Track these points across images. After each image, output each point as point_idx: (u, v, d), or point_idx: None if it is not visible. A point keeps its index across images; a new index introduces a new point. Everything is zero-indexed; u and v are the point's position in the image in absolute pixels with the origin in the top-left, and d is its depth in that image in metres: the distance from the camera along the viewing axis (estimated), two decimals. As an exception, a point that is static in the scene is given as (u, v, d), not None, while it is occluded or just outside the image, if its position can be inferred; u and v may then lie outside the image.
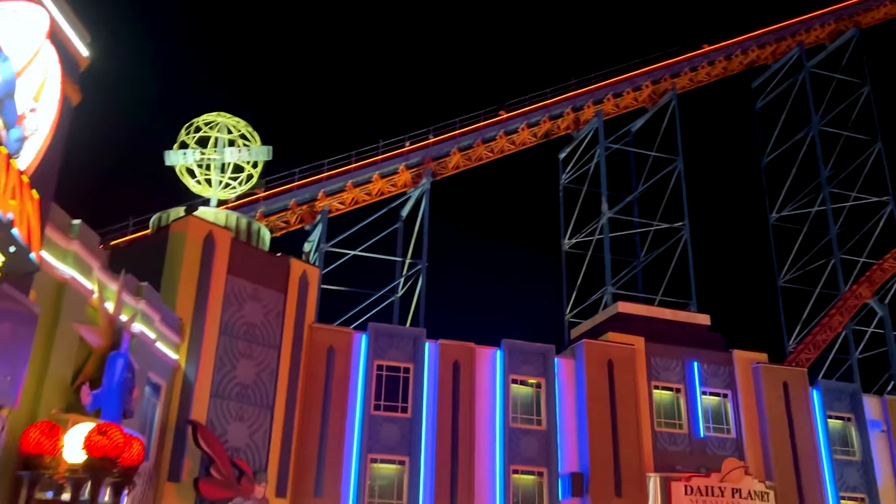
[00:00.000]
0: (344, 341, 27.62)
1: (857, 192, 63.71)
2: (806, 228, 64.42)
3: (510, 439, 28.37)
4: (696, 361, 31.22)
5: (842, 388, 33.43)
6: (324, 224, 49.50)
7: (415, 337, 28.87)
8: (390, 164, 52.33)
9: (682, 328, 32.64)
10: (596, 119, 58.12)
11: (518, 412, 29.08)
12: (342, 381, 27.10)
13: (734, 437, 30.94)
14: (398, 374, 28.20)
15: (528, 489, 28.37)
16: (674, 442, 30.13)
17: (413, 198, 53.11)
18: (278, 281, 26.53)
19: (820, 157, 63.20)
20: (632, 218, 58.31)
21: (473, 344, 29.18)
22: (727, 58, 63.69)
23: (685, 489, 27.97)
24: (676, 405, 30.80)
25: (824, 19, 68.03)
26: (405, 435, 27.40)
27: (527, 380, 29.56)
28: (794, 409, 31.32)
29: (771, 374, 31.70)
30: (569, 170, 62.13)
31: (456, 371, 28.45)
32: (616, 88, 59.34)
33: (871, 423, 32.64)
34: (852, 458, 32.26)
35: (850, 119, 65.88)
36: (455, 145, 53.83)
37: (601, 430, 28.75)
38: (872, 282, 57.07)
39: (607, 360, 29.65)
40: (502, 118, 55.76)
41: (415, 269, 50.90)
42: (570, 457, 29.06)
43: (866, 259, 61.50)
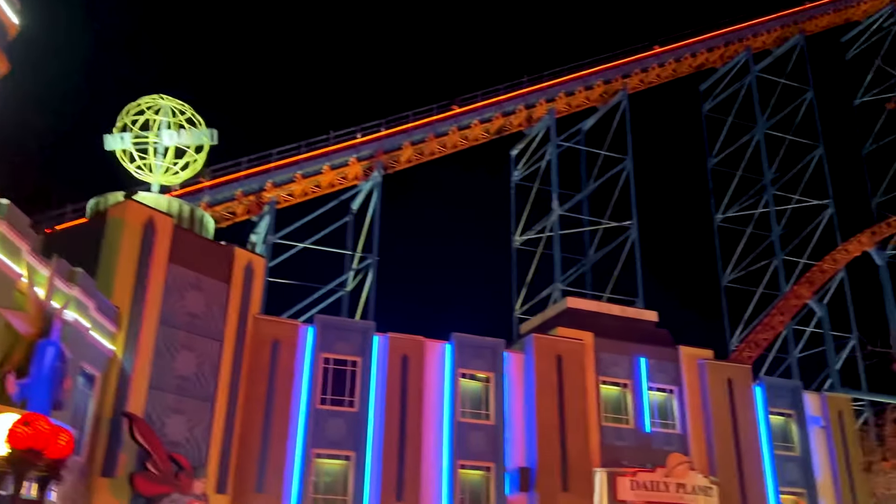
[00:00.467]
0: (290, 334, 26.91)
1: (800, 195, 65.37)
2: (750, 230, 65.83)
3: (458, 434, 28.03)
4: (644, 357, 31.40)
5: (783, 385, 34.04)
6: (271, 215, 48.49)
7: (363, 330, 28.31)
8: (341, 155, 51.53)
9: (629, 324, 32.79)
10: (548, 117, 58.33)
11: (466, 407, 28.76)
12: (287, 375, 26.39)
13: (679, 433, 31.21)
14: (345, 367, 27.61)
15: (476, 484, 28.10)
16: (620, 437, 30.22)
17: (364, 191, 52.46)
18: (222, 270, 25.67)
19: (765, 160, 64.62)
20: (581, 216, 58.74)
21: (423, 338, 28.76)
22: (677, 60, 64.60)
23: (631, 484, 28.06)
24: (623, 400, 30.90)
25: (770, 25, 69.56)
26: (351, 429, 26.84)
27: (476, 374, 29.27)
28: (737, 406, 31.75)
29: (716, 371, 32.07)
30: (521, 167, 62.29)
31: (405, 365, 27.99)
32: (568, 87, 59.63)
33: (811, 419, 33.31)
34: (793, 454, 32.85)
35: (794, 123, 67.54)
36: (407, 139, 53.33)
37: (549, 424, 28.65)
38: (812, 283, 58.56)
39: (556, 355, 29.56)
40: (455, 113, 55.46)
41: (365, 263, 50.27)
42: (518, 452, 28.88)
43: (807, 260, 63.16)
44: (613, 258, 57.33)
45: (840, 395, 34.84)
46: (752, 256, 65.06)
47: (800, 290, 57.72)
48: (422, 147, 54.18)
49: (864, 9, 76.02)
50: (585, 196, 60.18)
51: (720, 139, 68.87)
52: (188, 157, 27.78)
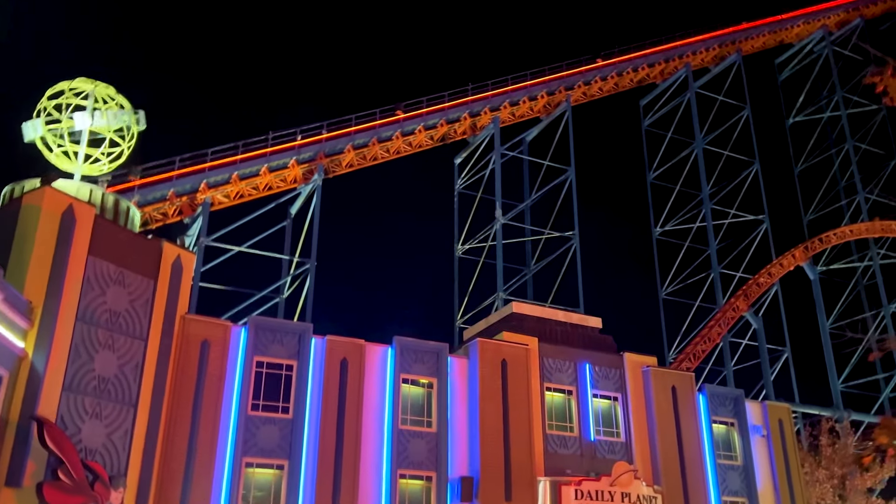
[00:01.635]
0: (220, 335, 25.28)
1: (736, 210, 66.57)
2: (688, 243, 66.71)
3: (399, 442, 26.81)
4: (588, 363, 30.79)
5: (725, 394, 33.93)
6: (205, 217, 46.67)
7: (300, 332, 26.87)
8: (280, 157, 50.18)
9: (574, 330, 32.19)
10: (492, 125, 58.07)
11: (408, 413, 27.57)
12: (217, 378, 24.74)
13: (623, 441, 30.64)
14: (280, 371, 26.11)
15: (416, 494, 26.88)
16: (564, 445, 29.47)
17: (304, 194, 51.14)
18: (148, 266, 23.93)
19: (703, 175, 65.61)
20: (524, 225, 58.48)
21: (363, 341, 27.49)
22: (619, 74, 65.25)
23: (575, 493, 27.28)
24: (568, 407, 30.20)
25: (709, 43, 70.98)
26: (285, 437, 25.31)
27: (418, 379, 28.13)
28: (681, 414, 31.41)
29: (660, 378, 31.70)
30: (464, 175, 61.81)
31: (343, 369, 26.66)
32: (512, 97, 59.55)
33: (753, 427, 33.24)
34: (734, 463, 32.69)
35: (731, 140, 68.91)
36: (350, 142, 52.28)
37: (493, 432, 27.69)
38: (749, 296, 59.50)
39: (501, 360, 28.67)
40: (399, 118, 54.65)
41: (303, 268, 48.76)
42: (461, 460, 27.82)
43: (742, 274, 64.27)
44: (555, 268, 57.35)
45: (780, 404, 34.95)
46: (690, 269, 65.94)
47: (737, 303, 58.56)
48: (364, 151, 53.23)
49: (797, 32, 78.45)
50: (528, 206, 60.05)
51: (659, 154, 69.80)
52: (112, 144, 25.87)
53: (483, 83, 59.18)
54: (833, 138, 78.23)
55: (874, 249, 71.14)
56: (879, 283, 69.82)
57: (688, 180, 67.68)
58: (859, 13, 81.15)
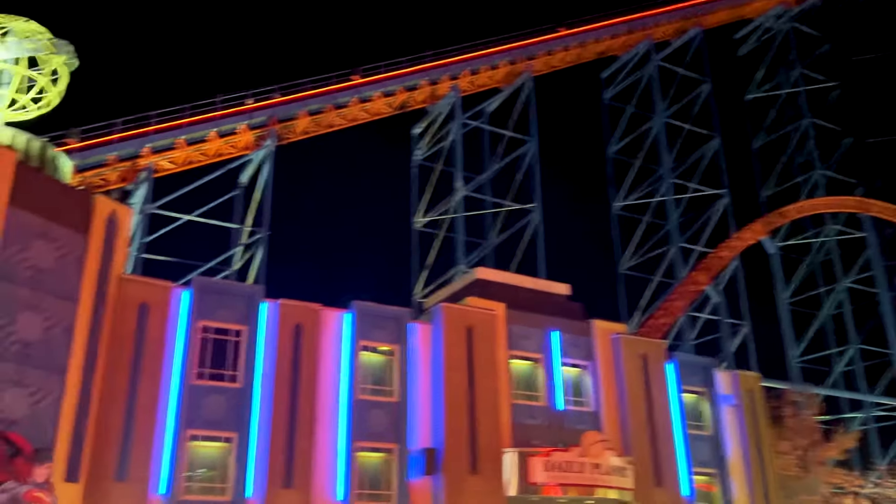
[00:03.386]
0: (160, 297, 23.08)
1: (696, 185, 65.94)
2: (648, 218, 65.91)
3: (357, 413, 25.03)
4: (557, 331, 29.34)
5: (696, 363, 32.92)
6: (149, 183, 44.02)
7: (249, 295, 24.82)
8: (230, 121, 47.66)
9: (542, 297, 30.73)
10: (452, 94, 56.16)
11: (367, 382, 25.80)
12: (157, 344, 22.59)
13: (592, 411, 29.36)
14: (228, 337, 24.07)
15: (376, 468, 25.18)
16: (532, 415, 28.05)
17: (255, 161, 48.72)
18: (79, 220, 21.60)
19: (663, 149, 64.73)
20: (485, 196, 56.87)
21: (319, 305, 25.57)
22: (581, 45, 63.79)
23: (544, 465, 25.88)
24: (535, 376, 28.75)
25: (671, 16, 69.95)
26: (234, 408, 23.31)
27: (378, 347, 26.35)
28: (651, 383, 30.25)
29: (630, 346, 30.46)
30: (423, 146, 59.83)
31: (298, 336, 24.73)
32: (473, 65, 57.66)
33: (723, 397, 32.30)
34: (704, 433, 31.72)
35: (692, 114, 68.16)
36: (304, 107, 49.91)
37: (458, 402, 26.09)
38: (709, 269, 58.92)
39: (466, 327, 27.04)
40: (356, 83, 52.36)
41: (254, 238, 46.42)
42: (423, 431, 26.17)
43: (702, 248, 63.71)
44: (516, 241, 55.95)
45: (751, 374, 34.12)
46: (650, 244, 65.16)
47: (698, 277, 57.93)
48: (319, 118, 50.92)
49: (756, 7, 77.96)
50: (489, 177, 58.45)
51: (621, 127, 68.76)
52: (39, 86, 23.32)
53: (443, 50, 57.19)
54: (791, 114, 78.25)
55: (830, 225, 71.52)
56: (835, 258, 70.23)
57: (648, 154, 66.81)
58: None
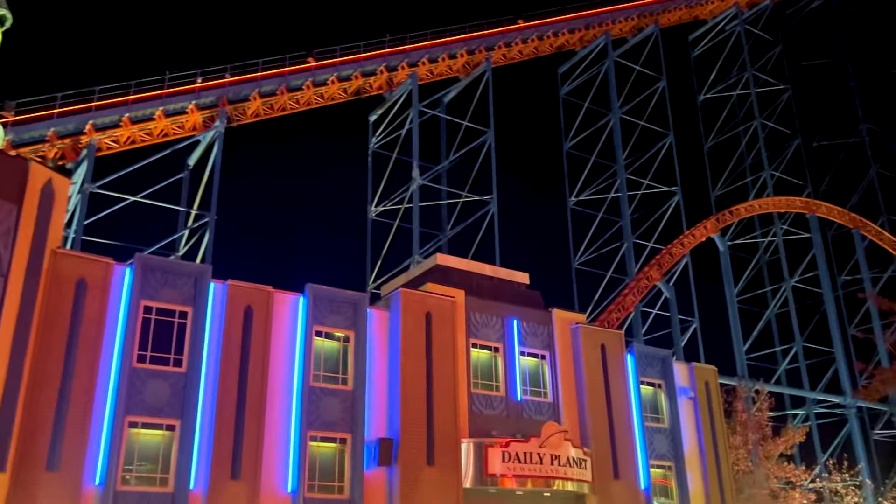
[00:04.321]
0: (100, 274, 21.53)
1: (649, 181, 66.25)
2: (602, 213, 65.99)
3: (309, 401, 23.87)
4: (516, 319, 28.64)
5: (654, 354, 32.60)
6: (90, 161, 42.06)
7: (197, 275, 23.40)
8: (178, 100, 45.97)
9: (501, 285, 29.99)
10: (410, 81, 55.25)
11: (321, 369, 24.65)
12: (95, 324, 21.06)
13: (551, 401, 28.75)
14: (172, 318, 22.65)
15: (328, 458, 24.05)
16: (490, 405, 27.27)
17: (203, 143, 47.06)
18: (10, 188, 19.97)
19: (618, 146, 64.84)
20: (441, 187, 56.05)
21: (271, 288, 24.32)
22: (539, 38, 63.51)
23: (503, 456, 25.15)
24: (494, 365, 27.97)
25: (629, 13, 70.17)
26: (177, 393, 21.93)
27: (333, 332, 25.22)
28: (610, 373, 29.78)
29: (590, 336, 29.94)
30: (379, 133, 58.68)
31: (248, 319, 23.44)
32: (431, 52, 56.81)
33: (680, 389, 32.07)
34: (662, 426, 31.42)
35: (647, 111, 68.47)
36: (256, 89, 48.47)
37: (415, 390, 25.14)
38: (661, 265, 59.28)
39: (425, 313, 26.10)
40: (311, 66, 51.05)
41: (201, 222, 44.73)
42: (379, 421, 25.14)
43: (654, 244, 64.08)
44: (472, 233, 55.31)
45: (707, 367, 33.97)
46: (604, 239, 65.24)
47: (650, 272, 58.24)
48: (272, 101, 49.53)
49: (711, 8, 78.94)
50: (445, 168, 57.67)
51: (576, 122, 68.70)
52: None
53: (401, 36, 56.17)
54: (742, 115, 79.42)
55: (778, 225, 72.78)
56: (782, 257, 71.50)
57: (603, 150, 66.87)
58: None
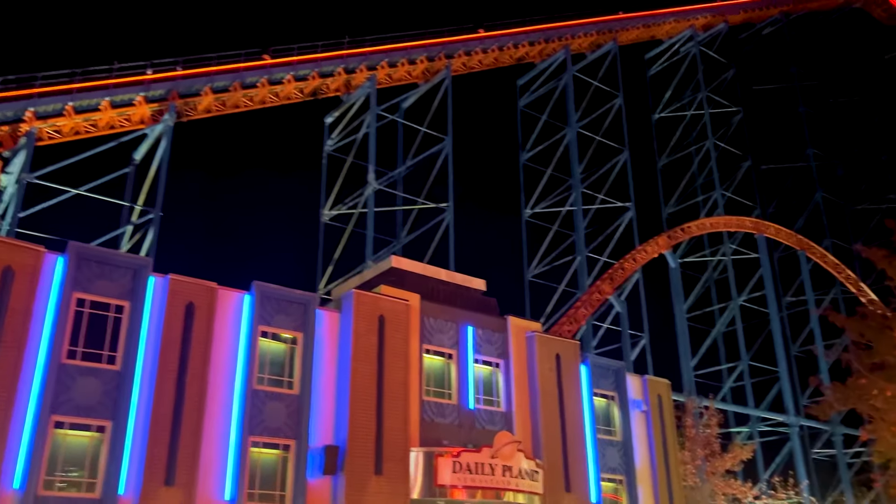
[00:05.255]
0: (29, 262, 20.04)
1: (604, 196, 66.47)
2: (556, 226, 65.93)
3: (252, 405, 22.64)
4: (471, 325, 27.85)
5: (608, 366, 32.16)
6: (29, 150, 40.07)
7: (136, 268, 22.02)
8: (126, 92, 44.28)
9: (458, 290, 29.21)
10: (368, 84, 54.37)
11: (265, 372, 23.46)
12: (22, 315, 19.54)
13: (504, 411, 27.99)
14: (107, 313, 21.24)
15: (270, 465, 22.82)
16: (442, 413, 26.38)
17: (151, 137, 45.39)
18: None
19: (574, 160, 64.95)
20: (397, 192, 55.18)
21: (216, 284, 23.07)
22: (500, 48, 63.35)
23: (454, 466, 24.25)
24: (447, 373, 27.12)
25: (588, 29, 70.61)
26: (110, 393, 20.50)
27: (280, 333, 24.06)
28: (565, 384, 29.19)
29: (545, 345, 29.32)
30: (335, 136, 57.57)
31: (189, 316, 22.14)
32: (391, 56, 56.08)
33: (633, 402, 31.66)
34: (614, 439, 30.93)
35: (603, 127, 68.83)
36: (208, 83, 47.00)
37: (364, 396, 24.10)
38: (614, 280, 59.37)
39: (378, 316, 25.11)
40: (266, 63, 49.81)
41: (146, 218, 43.00)
42: (325, 427, 24.01)
43: (607, 259, 64.19)
44: (427, 240, 54.51)
45: (660, 380, 33.67)
46: (558, 252, 65.14)
47: (602, 286, 58.27)
48: (225, 97, 48.14)
49: (667, 29, 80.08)
50: (401, 174, 56.84)
51: (534, 135, 68.68)
52: None
53: (361, 38, 55.40)
54: (695, 135, 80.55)
55: (727, 244, 73.73)
56: (730, 276, 72.35)
57: (560, 163, 66.91)
58: (724, 18, 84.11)
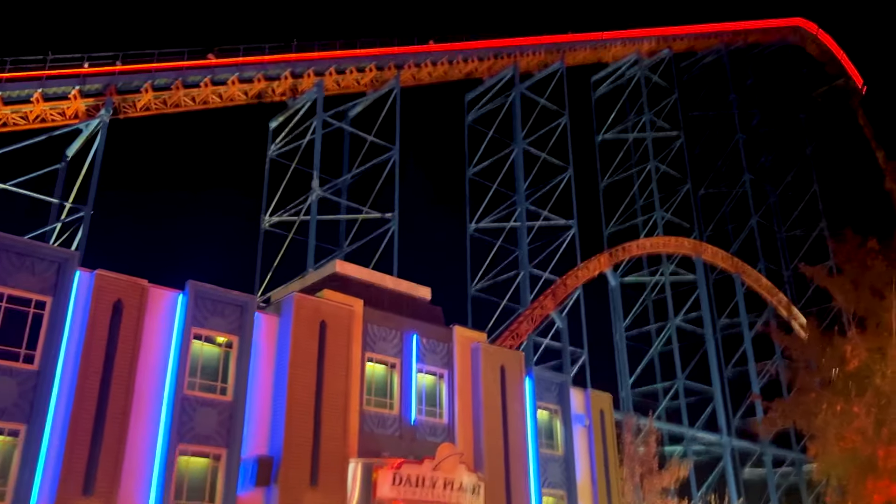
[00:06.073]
0: (-58, 251, 18.52)
1: (548, 213, 66.75)
2: (500, 241, 65.86)
3: (182, 410, 21.38)
4: (416, 334, 27.11)
5: (552, 379, 31.79)
6: (-50, 139, 37.87)
7: (60, 261, 20.60)
8: (60, 84, 42.60)
9: (402, 298, 28.45)
10: (315, 90, 53.42)
11: (197, 376, 22.22)
12: (-70, 308, 17.99)
13: (446, 423, 27.25)
14: (27, 308, 19.78)
15: (199, 475, 21.56)
16: (382, 424, 25.48)
17: (85, 133, 43.60)
18: None
19: (520, 176, 65.11)
20: (341, 200, 54.18)
21: (147, 282, 21.79)
22: (450, 62, 63.30)
23: (393, 478, 23.37)
24: (390, 382, 26.26)
25: (537, 48, 71.20)
26: (25, 394, 19.02)
27: (215, 336, 22.86)
28: (509, 396, 28.66)
29: (490, 356, 28.76)
30: (279, 141, 56.30)
31: (117, 314, 20.81)
32: (340, 63, 55.33)
33: (576, 417, 31.34)
34: (556, 453, 30.50)
35: (549, 144, 69.28)
36: (149, 80, 45.48)
37: (302, 405, 23.06)
38: (556, 296, 59.49)
39: (320, 321, 24.15)
40: (210, 63, 48.43)
41: (76, 216, 41.08)
42: (259, 436, 22.87)
43: (549, 275, 64.33)
44: (370, 250, 53.58)
45: (603, 394, 33.46)
46: (501, 267, 65.03)
47: (545, 302, 58.31)
48: (166, 95, 46.61)
49: (614, 52, 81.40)
50: (346, 182, 55.95)
51: (481, 150, 68.70)
52: None
53: (309, 43, 54.49)
54: (637, 157, 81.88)
55: (666, 265, 74.82)
56: (668, 296, 73.37)
57: (505, 179, 67.02)
58: (669, 45, 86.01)
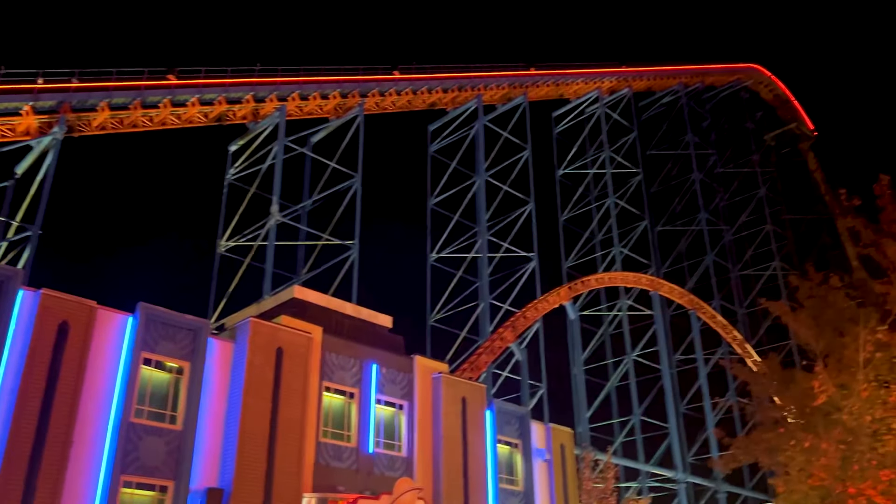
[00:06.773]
0: None
1: (509, 245, 66.75)
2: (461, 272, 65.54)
3: (127, 439, 20.28)
4: (376, 363, 26.37)
5: (513, 412, 31.23)
6: None
7: (2, 279, 19.51)
8: (12, 100, 41.24)
9: (362, 326, 27.74)
10: (278, 114, 52.82)
11: (145, 404, 21.15)
12: None
13: (405, 457, 26.45)
14: (-36, 328, 18.61)
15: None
16: (339, 457, 24.59)
17: (36, 150, 42.22)
18: None
19: (481, 208, 65.12)
20: (301, 226, 53.33)
21: (95, 303, 20.77)
22: (413, 91, 63.40)
23: (349, 514, 22.50)
24: (347, 413, 25.43)
25: (500, 81, 71.88)
26: (-42, 420, 17.81)
27: (165, 362, 21.84)
28: (469, 429, 27.99)
29: (451, 387, 28.11)
30: (238, 165, 55.37)
31: (62, 336, 19.75)
32: (303, 89, 54.93)
33: (536, 451, 30.78)
34: (516, 488, 29.85)
35: (511, 177, 69.56)
36: (106, 99, 44.41)
37: (255, 435, 22.09)
38: (516, 328, 59.19)
39: (276, 348, 23.30)
40: (170, 84, 47.51)
41: (23, 234, 39.60)
42: (209, 468, 21.79)
43: (509, 307, 64.08)
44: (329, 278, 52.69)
45: (564, 429, 33.00)
46: (461, 298, 64.60)
47: (504, 333, 57.93)
48: (123, 115, 45.55)
49: (575, 89, 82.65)
50: (307, 208, 55.16)
51: (443, 180, 68.62)
52: None
53: (272, 67, 54.02)
54: (596, 193, 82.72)
55: (623, 299, 75.23)
56: (625, 331, 73.69)
57: (467, 210, 66.94)
58: (628, 84, 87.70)
